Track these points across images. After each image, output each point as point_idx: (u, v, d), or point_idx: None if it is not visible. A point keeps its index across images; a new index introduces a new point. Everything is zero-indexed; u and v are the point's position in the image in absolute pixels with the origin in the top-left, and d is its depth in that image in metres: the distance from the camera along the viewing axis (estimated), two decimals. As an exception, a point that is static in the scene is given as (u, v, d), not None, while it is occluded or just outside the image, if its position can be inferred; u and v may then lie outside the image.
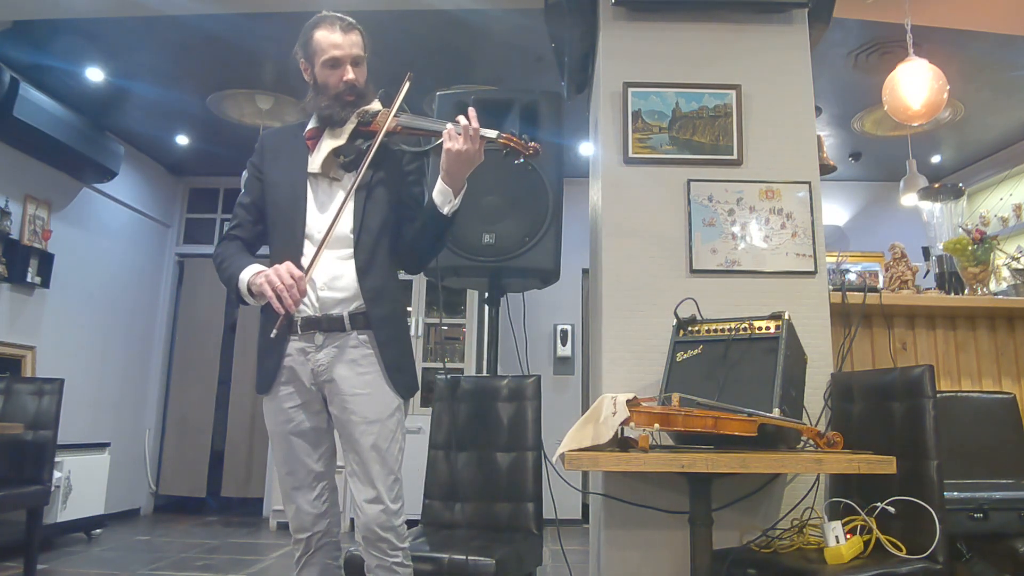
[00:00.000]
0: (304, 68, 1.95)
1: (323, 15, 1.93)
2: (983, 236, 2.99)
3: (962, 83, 4.38)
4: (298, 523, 1.86)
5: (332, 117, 1.90)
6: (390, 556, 1.79)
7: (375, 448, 1.81)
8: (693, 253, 2.45)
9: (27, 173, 4.77)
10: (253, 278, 1.79)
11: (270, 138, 2.04)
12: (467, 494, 2.49)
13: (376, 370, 1.85)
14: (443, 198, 1.85)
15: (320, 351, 1.83)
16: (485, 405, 2.57)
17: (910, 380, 1.95)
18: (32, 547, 3.27)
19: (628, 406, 1.76)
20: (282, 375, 1.85)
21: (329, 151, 1.89)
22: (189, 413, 6.25)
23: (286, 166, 1.95)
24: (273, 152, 1.99)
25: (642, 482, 2.26)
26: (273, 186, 1.95)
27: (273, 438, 1.89)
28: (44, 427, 3.39)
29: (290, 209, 1.90)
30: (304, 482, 1.85)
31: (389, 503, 1.79)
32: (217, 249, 1.94)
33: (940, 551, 1.75)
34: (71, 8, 3.67)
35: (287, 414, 1.85)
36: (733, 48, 2.60)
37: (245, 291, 1.81)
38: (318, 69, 1.91)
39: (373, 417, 1.82)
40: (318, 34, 1.90)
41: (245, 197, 1.99)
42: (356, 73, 1.91)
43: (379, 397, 1.84)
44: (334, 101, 1.90)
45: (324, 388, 1.85)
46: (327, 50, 1.88)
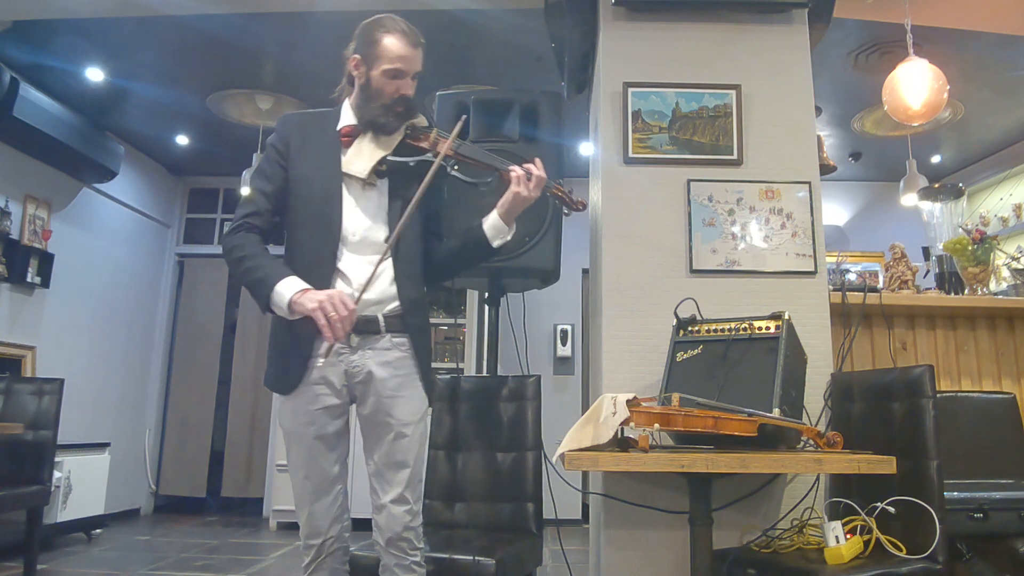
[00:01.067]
0: (356, 64, 1.89)
1: (392, 20, 1.88)
2: (983, 236, 2.99)
3: (962, 83, 4.38)
4: (311, 528, 1.81)
5: (383, 125, 1.88)
6: (409, 556, 1.80)
7: (407, 451, 1.82)
8: (693, 253, 2.45)
9: (27, 173, 4.78)
10: (299, 298, 1.71)
11: (294, 123, 1.94)
12: (467, 494, 2.49)
13: (412, 373, 1.86)
14: (496, 232, 1.91)
15: (355, 352, 1.81)
16: (485, 405, 2.57)
17: (910, 380, 1.95)
18: (32, 547, 3.27)
19: (628, 406, 1.76)
20: (309, 375, 1.80)
21: (377, 159, 1.87)
22: (189, 413, 6.26)
23: (316, 160, 1.89)
24: (300, 140, 1.91)
25: (642, 482, 2.26)
26: (302, 179, 1.87)
27: (291, 439, 1.84)
28: (44, 427, 3.39)
29: (324, 208, 1.84)
30: (321, 486, 1.81)
31: (413, 503, 1.81)
32: (233, 238, 1.83)
33: (940, 551, 1.75)
34: (71, 8, 3.67)
35: (311, 415, 1.80)
36: (733, 48, 2.60)
37: (284, 306, 1.73)
38: (376, 73, 1.85)
39: (408, 419, 1.83)
40: (387, 40, 1.84)
41: (266, 184, 1.88)
42: (412, 88, 1.89)
43: (414, 400, 1.86)
44: (385, 110, 1.87)
45: (356, 389, 1.83)
46: (393, 60, 1.84)
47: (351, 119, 1.93)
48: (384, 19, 1.89)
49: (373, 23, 1.88)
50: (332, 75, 1.96)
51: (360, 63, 1.88)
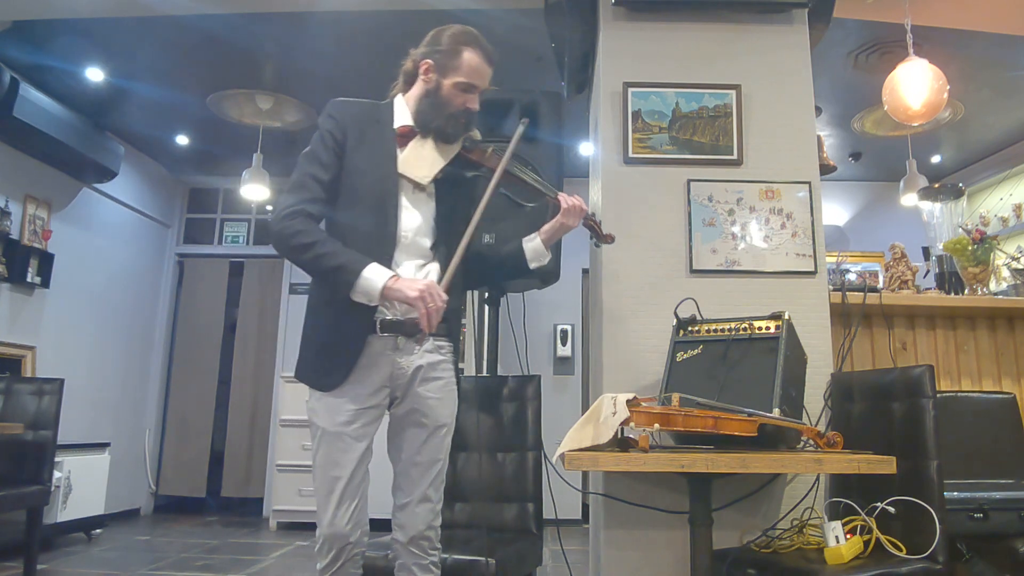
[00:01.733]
0: (426, 69, 1.87)
1: (473, 33, 1.89)
2: (983, 236, 2.99)
3: (962, 83, 4.38)
4: (334, 530, 1.73)
5: (446, 134, 1.89)
6: (429, 555, 1.81)
7: (437, 452, 1.84)
8: (693, 253, 2.45)
9: (27, 173, 4.78)
10: (395, 284, 1.71)
11: (350, 112, 1.89)
12: (467, 494, 2.49)
13: (450, 376, 1.90)
14: (535, 255, 2.00)
15: (400, 353, 1.82)
16: (485, 405, 2.57)
17: (910, 380, 1.95)
18: (32, 547, 3.27)
19: (628, 406, 1.76)
20: (354, 374, 1.78)
21: (440, 168, 1.88)
22: (189, 413, 6.26)
23: (372, 154, 1.86)
24: (357, 132, 1.86)
25: (642, 482, 2.26)
26: (357, 172, 1.83)
27: (327, 438, 1.77)
28: (44, 427, 3.39)
29: (379, 207, 1.82)
30: (349, 488, 1.76)
31: (436, 503, 1.83)
32: (292, 222, 1.74)
33: (940, 551, 1.75)
34: (71, 8, 3.67)
35: (349, 414, 1.77)
36: (733, 48, 2.60)
37: (375, 293, 1.71)
38: (448, 83, 1.86)
39: (443, 422, 1.86)
40: (468, 54, 1.85)
41: (323, 173, 1.81)
42: (477, 103, 1.91)
43: (449, 403, 1.89)
44: (449, 119, 1.87)
45: (399, 390, 1.83)
46: (469, 75, 1.86)
47: (407, 118, 1.91)
48: (466, 32, 1.89)
49: (454, 34, 1.89)
50: (332, 75, 1.95)
51: (432, 69, 1.88)
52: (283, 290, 6.37)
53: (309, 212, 1.77)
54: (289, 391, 5.44)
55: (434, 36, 1.91)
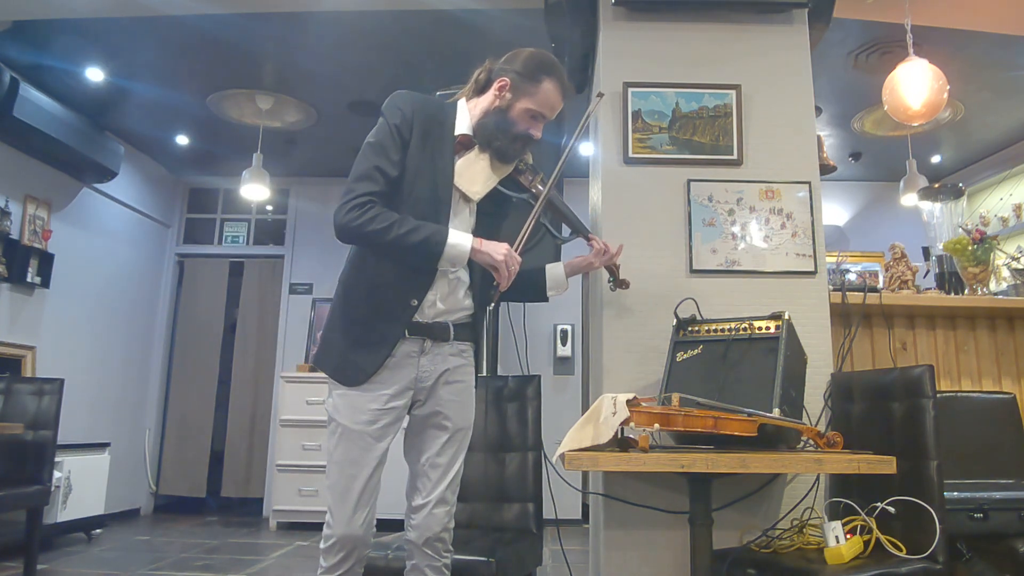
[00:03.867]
0: (501, 86, 1.88)
1: (555, 64, 1.90)
2: (983, 236, 2.99)
3: (962, 83, 4.38)
4: (348, 530, 1.71)
5: (506, 154, 1.90)
6: (442, 557, 1.81)
7: (456, 454, 1.86)
8: (693, 253, 2.45)
9: (27, 173, 4.77)
10: (482, 247, 1.78)
11: (417, 108, 1.86)
12: (467, 494, 2.48)
13: (471, 381, 1.92)
14: (556, 283, 2.12)
15: (425, 356, 1.83)
16: (485, 405, 2.57)
17: (910, 380, 1.95)
18: (32, 547, 3.27)
19: (628, 406, 1.76)
20: (381, 373, 1.78)
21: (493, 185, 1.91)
22: (189, 413, 6.25)
23: (432, 157, 1.84)
24: (422, 132, 1.84)
25: (642, 482, 2.26)
26: (417, 172, 1.82)
27: (348, 435, 1.75)
28: (44, 427, 3.39)
29: (432, 211, 1.81)
30: (367, 488, 1.74)
31: (452, 506, 1.85)
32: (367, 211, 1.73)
33: (940, 551, 1.75)
34: (71, 8, 3.67)
35: (373, 414, 1.76)
36: (733, 48, 2.60)
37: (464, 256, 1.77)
38: (519, 106, 1.87)
39: (462, 425, 1.88)
40: (547, 85, 1.87)
41: (391, 168, 1.79)
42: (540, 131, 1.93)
43: (469, 407, 1.91)
44: (513, 141, 1.89)
45: (423, 393, 1.84)
46: (543, 104, 1.88)
47: (466, 127, 1.91)
48: (551, 62, 1.90)
49: (543, 61, 1.90)
50: (332, 75, 1.95)
51: (508, 88, 1.88)
52: (283, 290, 6.37)
53: (376, 202, 1.76)
54: (289, 391, 5.44)
55: (516, 55, 1.92)
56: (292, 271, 6.37)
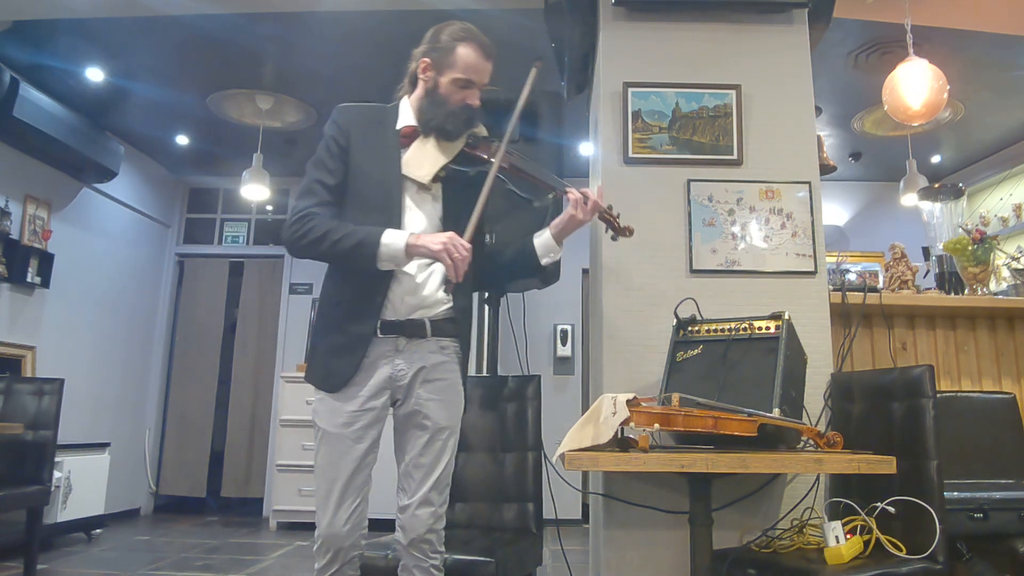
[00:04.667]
0: (424, 68, 1.88)
1: (468, 29, 1.88)
2: (983, 236, 2.99)
3: (962, 83, 4.38)
4: (332, 531, 1.75)
5: (447, 132, 1.88)
6: (430, 558, 1.80)
7: (439, 454, 1.83)
8: (693, 253, 2.45)
9: (27, 173, 4.77)
10: (417, 241, 1.73)
11: (353, 117, 1.91)
12: (467, 494, 2.49)
13: (454, 377, 1.88)
14: (546, 250, 1.95)
15: (400, 355, 1.82)
16: (485, 405, 2.57)
17: (910, 380, 1.95)
18: (32, 547, 3.27)
19: (628, 406, 1.76)
20: (357, 376, 1.80)
21: (440, 166, 1.87)
22: (189, 413, 6.26)
23: (376, 157, 1.87)
24: (360, 135, 1.88)
25: (642, 482, 2.26)
26: (362, 175, 1.86)
27: (328, 439, 1.79)
28: (44, 427, 3.39)
29: (384, 207, 1.84)
30: (348, 490, 1.77)
31: (438, 507, 1.82)
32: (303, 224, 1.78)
33: (940, 551, 1.75)
34: (71, 8, 3.67)
35: (350, 416, 1.79)
36: (733, 48, 2.60)
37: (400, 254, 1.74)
38: (446, 80, 1.86)
39: (444, 424, 1.84)
40: (462, 50, 1.85)
41: (328, 177, 1.84)
42: (478, 99, 1.90)
43: (452, 405, 1.87)
44: (450, 116, 1.87)
45: (400, 392, 1.84)
46: (465, 70, 1.85)
47: (411, 119, 1.92)
48: (462, 28, 1.89)
49: (450, 30, 1.89)
50: (332, 75, 1.96)
51: (430, 67, 1.88)
52: (283, 290, 6.37)
53: (317, 214, 1.80)
54: (289, 391, 5.44)
55: (432, 34, 1.91)
56: (292, 271, 6.37)
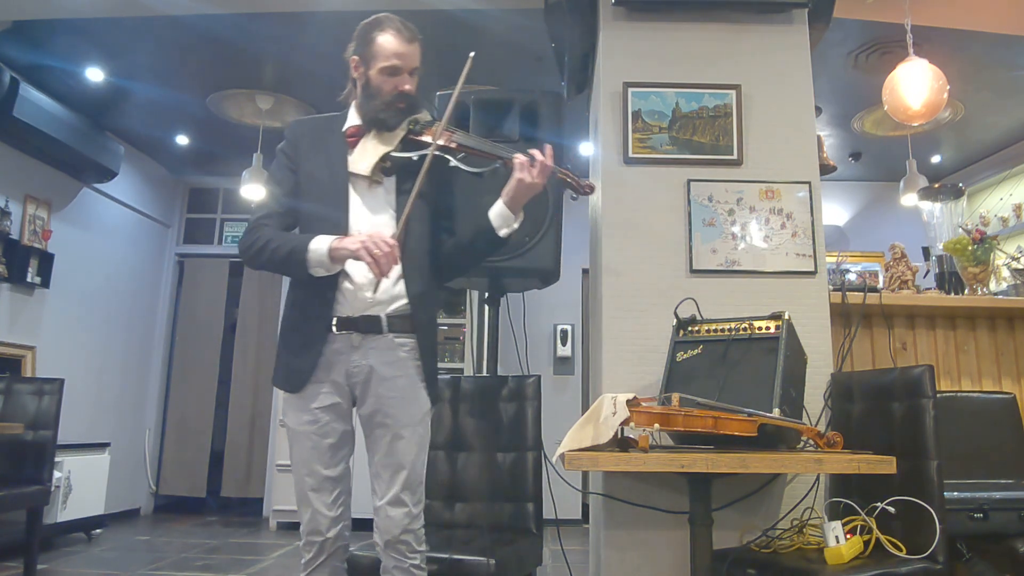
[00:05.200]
0: (355, 65, 1.92)
1: (386, 18, 1.90)
2: (983, 236, 2.99)
3: (962, 83, 4.38)
4: (312, 526, 1.81)
5: (384, 121, 1.89)
6: (408, 558, 1.79)
7: (405, 452, 1.81)
8: (693, 253, 2.45)
9: (27, 173, 4.77)
10: (339, 244, 1.75)
11: (303, 128, 1.98)
12: (467, 494, 2.49)
13: (413, 374, 1.86)
14: (502, 221, 1.89)
15: (356, 351, 1.82)
16: (485, 405, 2.57)
17: (910, 380, 1.95)
18: (32, 547, 3.27)
19: (628, 406, 1.76)
20: (316, 374, 1.82)
21: (379, 156, 1.87)
22: (189, 413, 6.25)
23: (324, 161, 1.91)
24: (308, 144, 1.94)
25: (642, 482, 2.26)
26: (310, 180, 1.90)
27: (295, 438, 1.84)
28: (44, 427, 3.39)
29: (331, 207, 1.86)
30: (324, 485, 1.81)
31: (411, 506, 1.80)
32: (248, 237, 1.86)
33: (940, 551, 1.75)
34: (71, 8, 3.67)
35: (314, 414, 1.82)
36: (733, 48, 2.60)
37: (324, 258, 1.76)
38: (374, 72, 1.88)
39: (406, 421, 1.83)
40: (381, 38, 1.87)
41: (277, 188, 1.92)
42: (412, 83, 1.91)
43: (414, 402, 1.85)
44: (386, 106, 1.88)
45: (356, 388, 1.84)
46: (389, 57, 1.86)
47: (356, 120, 1.95)
48: (380, 18, 1.91)
49: (369, 23, 1.91)
50: (332, 75, 1.96)
51: (359, 63, 1.91)
52: (283, 290, 6.34)
53: (264, 225, 1.87)
54: (289, 391, 5.43)
55: (356, 32, 1.94)
56: (292, 271, 6.36)
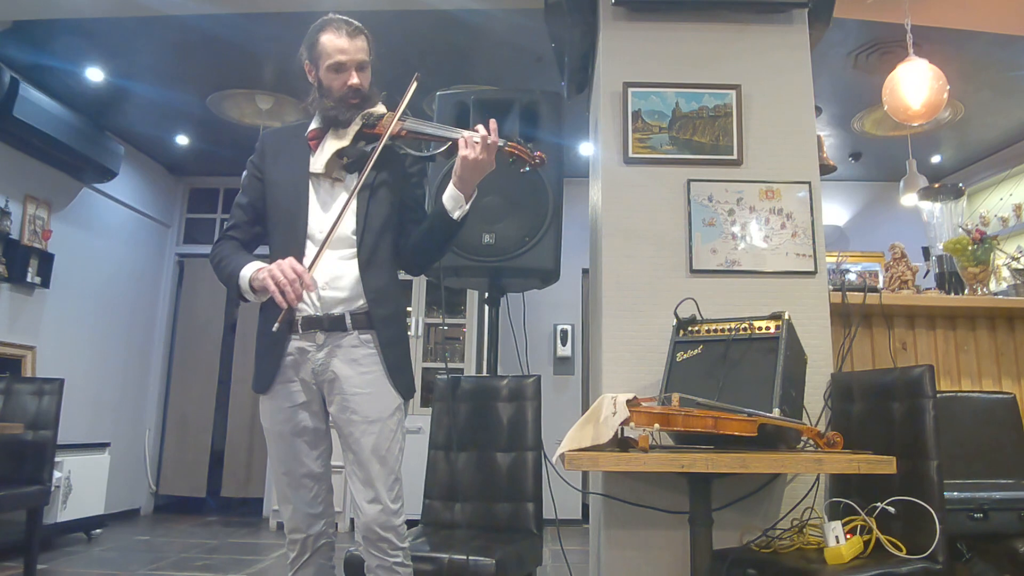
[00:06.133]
0: (308, 70, 1.95)
1: (329, 18, 1.93)
2: (983, 236, 2.99)
3: (962, 83, 4.38)
4: (294, 524, 1.85)
5: (336, 119, 1.91)
6: (390, 556, 1.79)
7: (375, 448, 1.81)
8: (693, 253, 2.45)
9: (27, 173, 4.77)
10: (255, 274, 1.78)
11: (270, 138, 2.04)
12: (467, 494, 2.49)
13: (378, 370, 1.86)
14: (454, 203, 1.88)
15: (321, 350, 1.84)
16: (485, 405, 2.57)
17: (910, 380, 1.95)
18: (32, 547, 3.27)
19: (628, 406, 1.76)
20: (282, 374, 1.85)
21: (333, 152, 1.89)
22: (189, 413, 6.25)
23: (287, 166, 1.95)
24: (274, 152, 1.99)
25: (642, 482, 2.26)
26: (274, 185, 1.95)
27: (270, 437, 1.88)
28: (44, 427, 3.39)
29: (292, 209, 1.90)
30: (301, 483, 1.85)
31: (389, 503, 1.79)
32: (214, 249, 1.94)
33: (940, 551, 1.75)
34: (71, 8, 3.67)
35: (285, 413, 1.85)
36: (733, 48, 2.60)
37: (247, 287, 1.81)
38: (323, 72, 1.91)
39: (374, 416, 1.83)
40: (324, 38, 1.90)
41: (243, 197, 1.98)
42: (360, 77, 1.91)
43: (380, 397, 1.85)
44: (338, 103, 1.91)
45: (324, 387, 1.86)
46: (332, 54, 1.89)
47: (317, 123, 1.98)
48: (323, 20, 1.94)
49: (314, 26, 1.94)
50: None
51: (310, 67, 1.95)
52: (283, 290, 6.37)
53: (230, 236, 1.95)
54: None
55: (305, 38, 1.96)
56: (292, 271, 6.35)
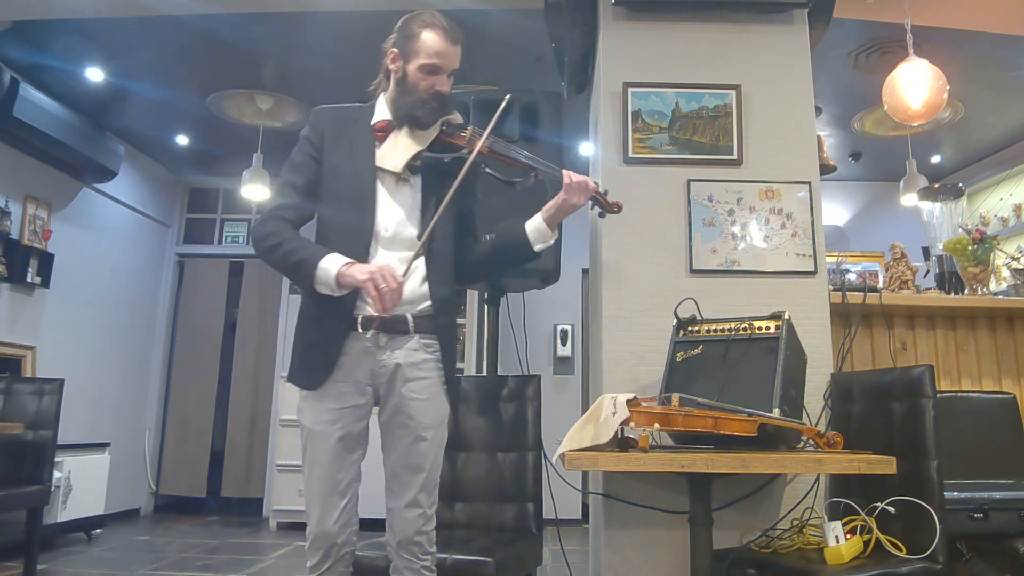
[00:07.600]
0: (393, 58, 1.88)
1: (432, 15, 1.87)
2: (983, 236, 2.99)
3: (962, 83, 4.37)
4: (321, 530, 1.76)
5: (419, 119, 1.87)
6: (420, 560, 1.78)
7: (425, 454, 1.80)
8: (693, 253, 2.45)
9: (27, 173, 4.77)
10: (348, 270, 1.71)
11: (327, 116, 1.93)
12: (467, 494, 2.49)
13: (437, 377, 1.84)
14: (539, 236, 1.90)
15: (383, 352, 1.79)
16: (485, 405, 2.57)
17: (910, 380, 1.95)
18: (32, 547, 3.27)
19: (628, 406, 1.76)
20: (337, 373, 1.78)
21: (412, 153, 1.86)
22: (189, 413, 6.26)
23: (350, 154, 1.87)
24: (334, 133, 1.90)
25: (642, 482, 2.26)
26: (335, 172, 1.86)
27: (312, 437, 1.79)
28: (44, 427, 3.39)
29: (357, 202, 1.83)
30: (337, 488, 1.77)
31: (427, 508, 1.79)
32: (263, 227, 1.81)
33: (940, 551, 1.75)
34: (71, 8, 3.67)
35: (333, 414, 1.78)
36: (733, 48, 2.60)
37: (332, 281, 1.72)
38: (412, 68, 1.85)
39: (428, 423, 1.81)
40: (426, 35, 1.84)
41: (298, 177, 1.86)
42: (447, 85, 1.89)
43: (436, 404, 1.83)
44: (421, 104, 1.86)
45: (381, 388, 1.81)
46: (431, 56, 1.84)
47: (386, 114, 1.92)
48: (424, 14, 1.88)
49: (413, 17, 1.88)
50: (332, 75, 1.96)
51: (397, 57, 1.88)
52: (283, 290, 6.36)
53: (282, 216, 1.82)
54: (289, 391, 5.44)
55: (399, 25, 1.91)
56: (292, 271, 6.35)
